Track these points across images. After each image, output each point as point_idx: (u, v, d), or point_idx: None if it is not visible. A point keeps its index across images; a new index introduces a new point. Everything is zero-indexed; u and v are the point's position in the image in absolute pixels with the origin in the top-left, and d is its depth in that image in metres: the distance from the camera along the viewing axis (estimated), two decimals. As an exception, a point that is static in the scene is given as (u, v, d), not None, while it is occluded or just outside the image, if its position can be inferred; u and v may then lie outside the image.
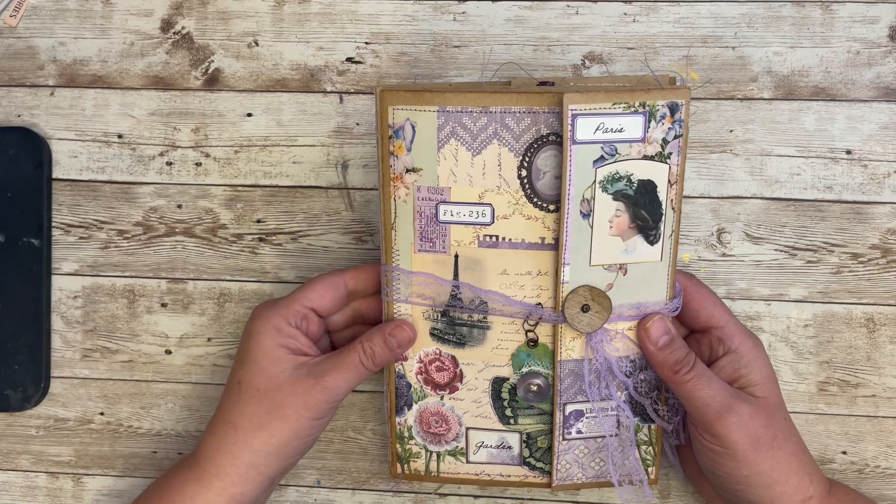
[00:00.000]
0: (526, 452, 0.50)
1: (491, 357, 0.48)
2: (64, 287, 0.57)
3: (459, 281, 0.47)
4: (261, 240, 0.56)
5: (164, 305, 0.57)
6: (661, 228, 0.46)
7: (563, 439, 0.49)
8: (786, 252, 0.54)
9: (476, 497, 0.55)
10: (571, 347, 0.48)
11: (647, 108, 0.44)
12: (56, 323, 0.57)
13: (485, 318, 0.47)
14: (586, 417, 0.49)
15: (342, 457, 0.56)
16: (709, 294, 0.49)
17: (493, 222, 0.46)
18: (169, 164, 0.57)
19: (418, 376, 0.50)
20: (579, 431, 0.49)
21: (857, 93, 0.54)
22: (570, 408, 0.49)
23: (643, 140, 0.45)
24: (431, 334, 0.48)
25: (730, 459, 0.46)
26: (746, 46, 0.55)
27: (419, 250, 0.47)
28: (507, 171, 0.45)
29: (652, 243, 0.46)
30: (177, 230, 0.57)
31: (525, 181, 0.45)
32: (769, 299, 0.54)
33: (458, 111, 0.44)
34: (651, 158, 0.45)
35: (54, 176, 0.58)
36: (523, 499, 0.55)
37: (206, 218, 0.57)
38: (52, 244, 0.57)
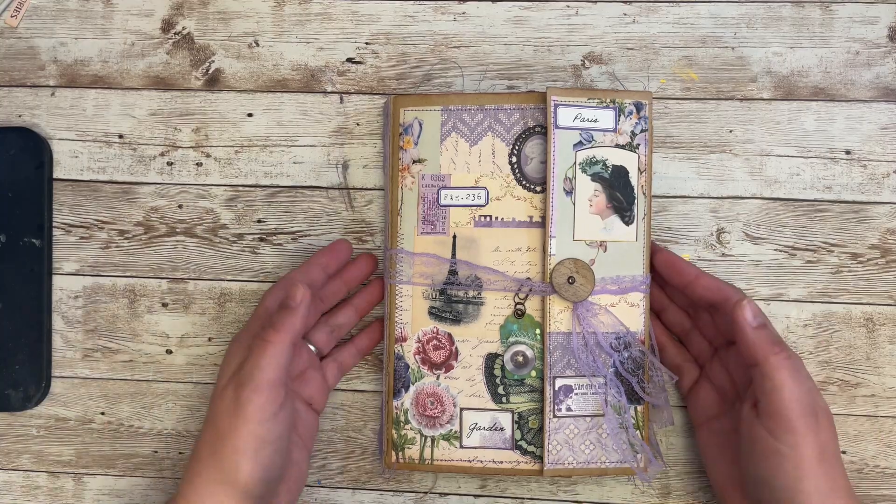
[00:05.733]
0: (518, 434, 0.52)
1: (484, 333, 0.52)
2: (65, 287, 0.57)
3: (457, 259, 0.52)
4: (261, 240, 0.57)
5: (164, 305, 0.57)
6: (635, 211, 0.51)
7: (554, 416, 0.51)
8: (785, 252, 0.54)
9: (476, 497, 0.55)
10: (559, 320, 0.51)
11: (616, 104, 0.51)
12: (57, 323, 0.57)
13: (479, 294, 0.52)
14: (575, 394, 0.51)
15: (342, 456, 0.56)
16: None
17: (487, 203, 0.52)
18: (170, 164, 0.57)
19: (416, 356, 0.52)
20: (569, 409, 0.51)
21: (856, 93, 0.54)
22: (559, 382, 0.51)
23: (615, 131, 0.51)
24: (430, 313, 0.52)
25: (792, 466, 0.44)
26: (746, 47, 0.55)
27: (422, 233, 0.52)
28: (500, 158, 0.52)
29: (627, 224, 0.51)
30: (177, 230, 0.57)
31: (515, 166, 0.52)
32: (769, 299, 0.54)
33: (459, 109, 0.52)
34: (622, 147, 0.51)
35: (55, 176, 0.58)
36: (523, 498, 0.55)
37: (207, 218, 0.57)
38: (52, 244, 0.57)
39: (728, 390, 0.51)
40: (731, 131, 0.55)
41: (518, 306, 0.52)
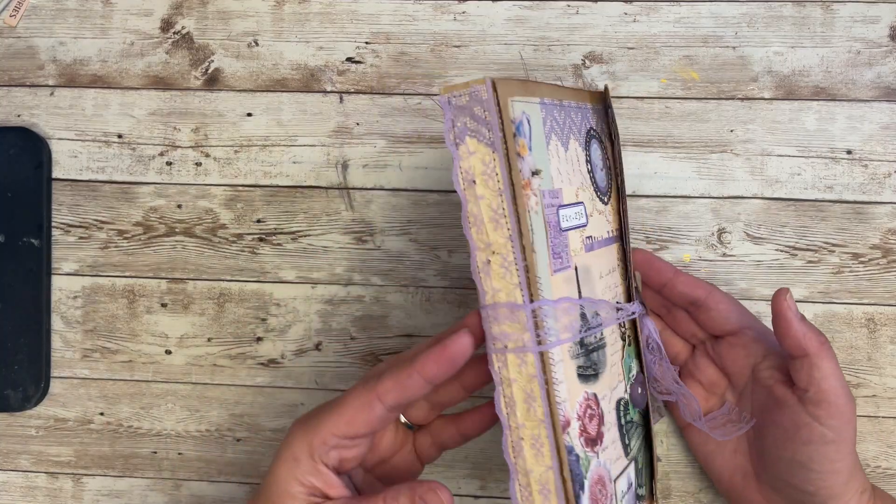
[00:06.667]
0: (636, 483, 0.43)
1: (612, 379, 0.41)
2: (64, 287, 0.57)
3: (587, 298, 0.39)
4: (261, 240, 0.56)
5: (164, 305, 0.57)
6: None
7: (653, 443, 0.46)
8: (786, 252, 0.54)
9: (476, 497, 0.55)
10: (639, 339, 0.47)
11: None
12: (56, 323, 0.57)
13: (602, 335, 0.40)
14: (653, 412, 0.47)
15: (342, 457, 0.56)
16: (731, 299, 0.50)
17: (587, 223, 0.41)
18: (169, 163, 0.57)
19: (580, 439, 0.38)
20: (652, 429, 0.47)
21: (857, 93, 0.54)
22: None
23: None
24: (579, 376, 0.38)
25: (835, 449, 0.44)
26: (747, 46, 0.55)
27: (555, 270, 0.37)
28: (582, 165, 0.42)
29: None
30: (177, 230, 0.57)
31: (591, 175, 0.43)
32: (770, 299, 0.54)
33: (551, 104, 0.39)
34: None
35: (54, 176, 0.58)
36: (523, 499, 0.55)
37: (206, 218, 0.57)
38: (51, 244, 0.57)
39: (717, 383, 0.51)
40: (731, 131, 0.54)
41: (627, 333, 0.44)
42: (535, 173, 0.37)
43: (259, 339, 0.56)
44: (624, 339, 0.43)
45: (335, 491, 0.40)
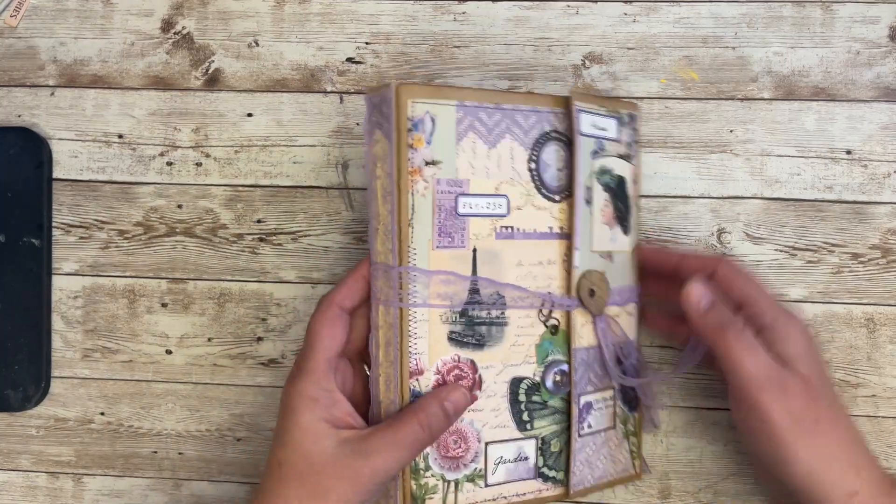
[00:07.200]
0: (540, 461, 0.48)
1: (509, 355, 0.47)
2: (64, 287, 0.57)
3: (479, 276, 0.46)
4: (261, 240, 0.56)
5: (164, 305, 0.57)
6: (631, 220, 0.51)
7: (579, 436, 0.48)
8: (786, 252, 0.54)
9: (476, 497, 0.55)
10: (582, 334, 0.48)
11: (618, 114, 0.50)
12: (56, 323, 0.57)
13: (503, 313, 0.47)
14: (594, 409, 0.49)
15: (342, 457, 0.56)
16: (741, 271, 0.48)
17: (508, 213, 0.47)
18: (169, 164, 0.57)
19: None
20: (590, 426, 0.49)
21: (857, 93, 0.54)
22: (583, 399, 0.49)
23: (618, 140, 0.50)
24: (450, 339, 0.45)
25: (768, 439, 0.44)
26: (746, 46, 0.55)
27: (438, 247, 0.45)
28: (519, 163, 0.47)
29: (626, 233, 0.51)
30: (177, 230, 0.57)
31: (534, 173, 0.48)
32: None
33: (476, 106, 0.46)
34: (622, 157, 0.50)
35: (55, 176, 0.58)
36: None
37: (207, 218, 0.57)
38: (52, 244, 0.57)
39: None
40: (731, 131, 0.55)
41: (551, 320, 0.48)
42: (430, 163, 0.45)
43: (259, 338, 0.56)
44: (548, 328, 0.48)
45: (354, 418, 0.44)
